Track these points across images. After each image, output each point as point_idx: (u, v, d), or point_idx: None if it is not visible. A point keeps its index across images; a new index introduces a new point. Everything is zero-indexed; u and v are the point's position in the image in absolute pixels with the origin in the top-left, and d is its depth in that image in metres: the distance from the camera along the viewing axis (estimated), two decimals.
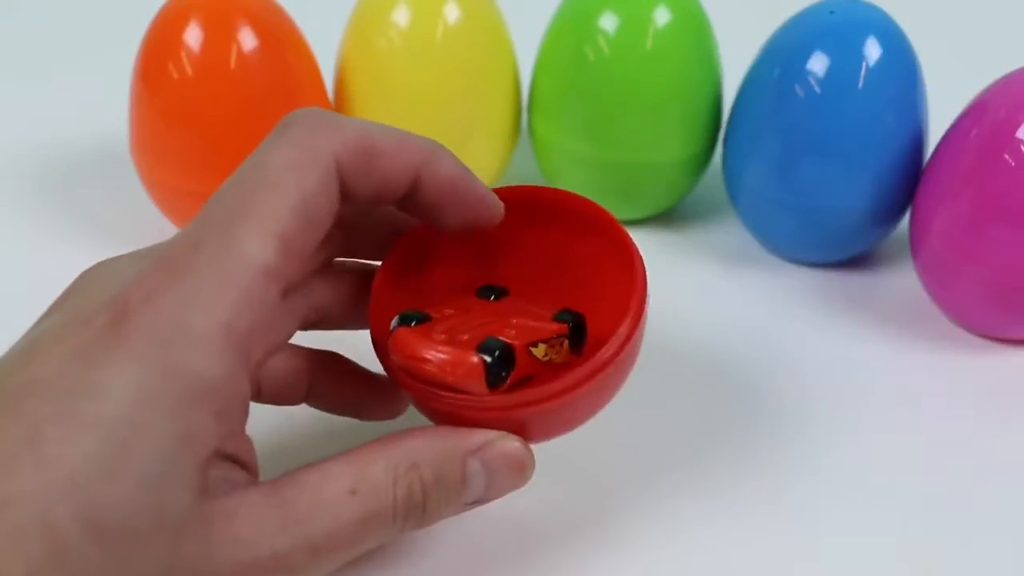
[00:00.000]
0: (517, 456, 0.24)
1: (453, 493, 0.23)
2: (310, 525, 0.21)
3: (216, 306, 0.20)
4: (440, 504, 0.23)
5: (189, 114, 0.35)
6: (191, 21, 0.35)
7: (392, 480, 0.22)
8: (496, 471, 0.23)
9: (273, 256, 0.21)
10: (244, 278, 0.21)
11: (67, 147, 0.46)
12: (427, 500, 0.23)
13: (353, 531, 0.22)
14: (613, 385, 0.25)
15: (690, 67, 0.38)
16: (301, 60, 0.37)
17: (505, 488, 0.24)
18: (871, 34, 0.35)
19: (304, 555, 0.21)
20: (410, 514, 0.22)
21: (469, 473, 0.23)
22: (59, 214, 0.42)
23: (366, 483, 0.22)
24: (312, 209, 0.22)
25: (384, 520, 0.22)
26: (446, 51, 0.38)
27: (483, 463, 0.23)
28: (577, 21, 0.38)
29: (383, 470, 0.22)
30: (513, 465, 0.24)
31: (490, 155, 0.40)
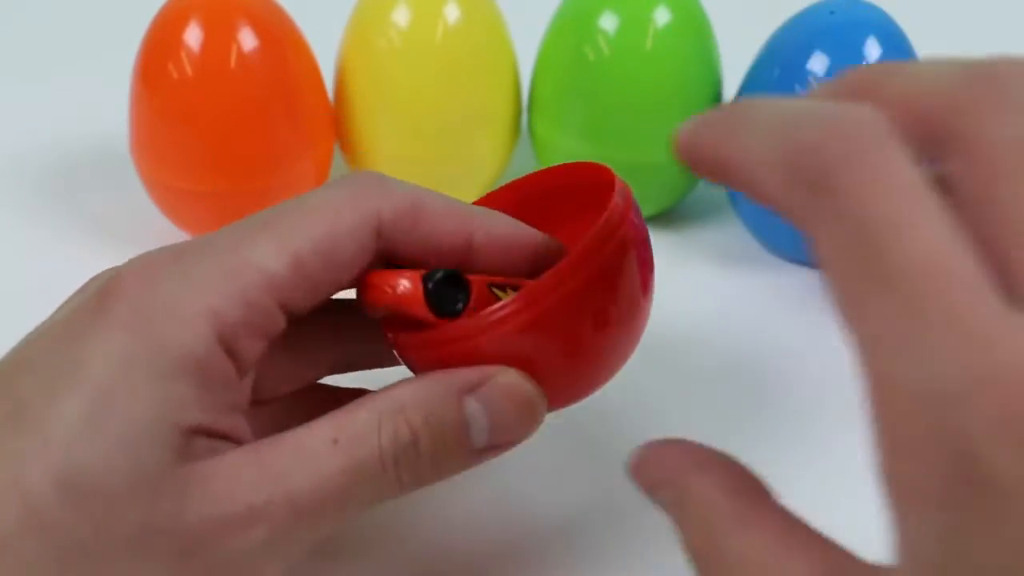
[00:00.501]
0: (519, 388, 0.22)
1: (451, 436, 0.22)
2: (289, 478, 0.20)
3: (207, 292, 0.21)
4: (438, 449, 0.21)
5: (189, 114, 0.35)
6: (191, 21, 0.35)
7: (376, 425, 0.21)
8: (498, 407, 0.22)
9: (279, 268, 0.21)
10: (243, 277, 0.21)
11: (67, 147, 0.46)
12: (419, 442, 0.21)
13: (337, 482, 0.20)
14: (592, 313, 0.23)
15: (690, 67, 0.38)
16: (301, 60, 0.37)
17: (514, 427, 0.22)
18: (871, 34, 0.35)
19: (283, 509, 0.20)
20: (401, 459, 0.21)
21: (468, 413, 0.22)
22: (59, 214, 0.42)
23: (348, 431, 0.21)
24: (338, 247, 0.22)
25: (372, 468, 0.21)
26: (446, 51, 0.38)
27: (482, 400, 0.22)
28: (577, 21, 0.38)
29: (366, 417, 0.21)
30: (516, 398, 0.22)
31: (490, 155, 0.40)
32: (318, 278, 0.22)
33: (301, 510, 0.20)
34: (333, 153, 0.40)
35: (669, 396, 0.33)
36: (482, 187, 0.41)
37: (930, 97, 0.17)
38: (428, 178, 0.40)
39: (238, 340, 0.21)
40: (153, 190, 0.38)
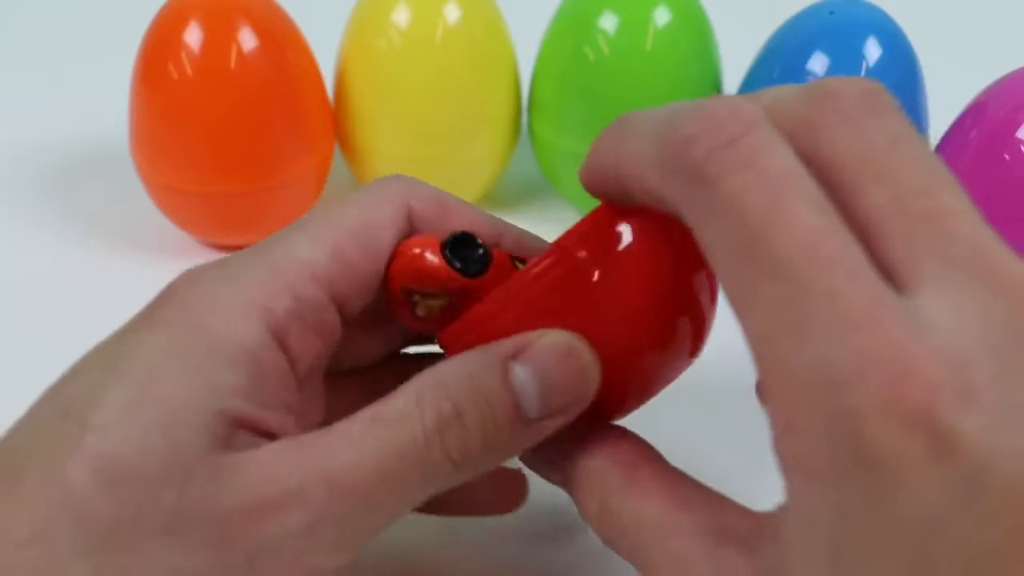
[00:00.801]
0: (567, 345, 0.20)
1: (498, 406, 0.20)
2: (325, 460, 0.19)
3: (254, 288, 0.21)
4: (487, 421, 0.20)
5: (189, 114, 0.35)
6: (191, 21, 0.35)
7: (415, 401, 0.20)
8: (546, 368, 0.20)
9: (322, 259, 0.21)
10: (288, 272, 0.21)
11: (67, 147, 0.46)
12: (464, 415, 0.20)
13: (376, 461, 0.19)
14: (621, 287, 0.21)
15: (690, 67, 0.38)
16: (301, 60, 0.37)
17: (566, 388, 0.20)
18: (871, 34, 0.35)
19: (320, 489, 0.19)
20: (447, 435, 0.20)
21: (515, 378, 0.20)
22: (59, 214, 0.42)
23: (387, 411, 0.20)
24: (376, 234, 0.22)
25: (413, 445, 0.20)
26: (446, 51, 0.38)
27: (528, 363, 0.20)
28: (577, 21, 0.38)
29: (406, 396, 0.20)
30: (566, 356, 0.20)
31: (490, 155, 0.40)
32: (360, 266, 0.22)
33: (339, 491, 0.19)
34: (333, 153, 0.40)
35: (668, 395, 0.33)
36: (482, 187, 0.41)
37: (784, 117, 0.17)
38: (428, 178, 0.40)
39: (289, 335, 0.21)
40: (153, 190, 0.38)
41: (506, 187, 0.43)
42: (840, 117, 0.17)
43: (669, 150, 0.17)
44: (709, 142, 0.16)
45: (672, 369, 0.23)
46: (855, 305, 0.15)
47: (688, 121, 0.17)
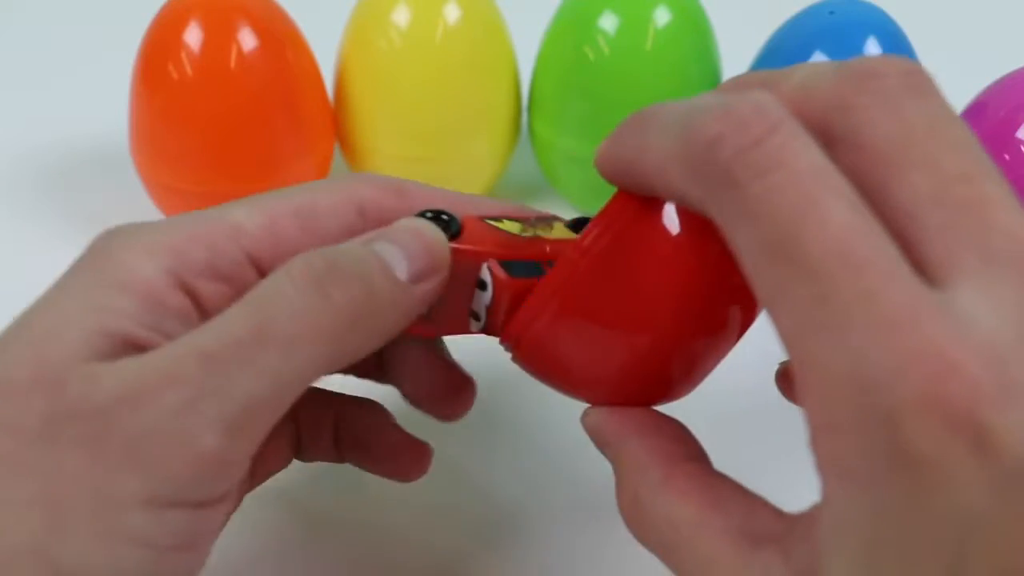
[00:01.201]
0: (408, 221, 0.22)
1: (370, 263, 0.20)
2: (198, 337, 0.19)
3: (170, 233, 0.21)
4: (363, 269, 0.20)
5: (189, 114, 0.35)
6: (191, 21, 0.35)
7: (284, 270, 0.20)
8: (402, 240, 0.21)
9: (251, 225, 0.22)
10: (209, 227, 0.21)
11: (67, 147, 0.46)
12: (338, 263, 0.20)
13: (249, 324, 0.19)
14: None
15: (690, 67, 0.38)
16: (301, 60, 0.37)
17: (423, 253, 0.21)
18: (871, 34, 0.35)
19: (193, 361, 0.18)
20: (324, 279, 0.19)
21: (377, 248, 0.21)
22: (59, 214, 0.42)
23: (256, 290, 0.20)
24: (318, 216, 0.22)
25: (286, 297, 0.19)
26: (446, 51, 0.38)
27: (385, 239, 0.21)
28: (577, 21, 0.38)
29: (273, 274, 0.20)
30: (412, 229, 0.21)
31: (490, 155, 0.40)
32: (296, 241, 0.22)
33: (214, 359, 0.18)
34: (333, 153, 0.40)
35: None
36: (482, 187, 0.41)
37: (816, 97, 0.17)
38: (428, 178, 0.40)
39: (197, 278, 0.21)
40: (153, 190, 0.38)
41: (506, 187, 0.43)
42: (878, 99, 0.16)
43: (693, 151, 0.17)
44: (734, 143, 0.16)
45: (721, 352, 0.23)
46: (892, 304, 0.15)
47: (712, 120, 0.16)
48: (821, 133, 0.17)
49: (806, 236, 0.15)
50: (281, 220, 0.22)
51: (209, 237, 0.21)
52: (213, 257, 0.21)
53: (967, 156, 0.16)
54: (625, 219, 0.21)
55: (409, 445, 0.27)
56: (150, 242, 0.21)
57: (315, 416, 0.26)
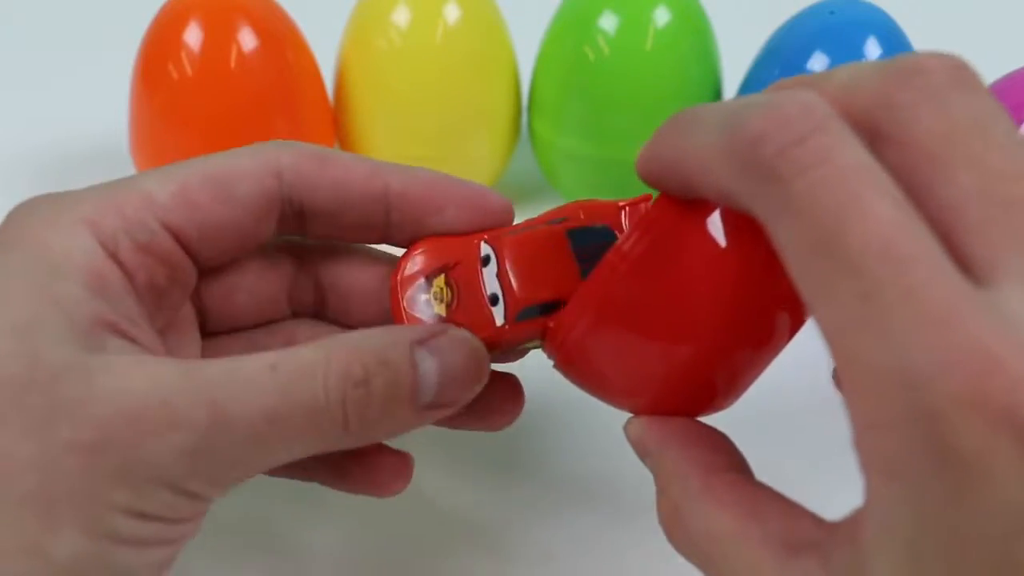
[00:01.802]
0: (469, 344, 0.22)
1: (403, 383, 0.21)
2: (216, 387, 0.19)
3: (85, 205, 0.21)
4: (391, 394, 0.20)
5: (189, 114, 0.35)
6: (191, 21, 0.35)
7: (324, 358, 0.20)
8: (448, 358, 0.21)
9: (161, 192, 0.22)
10: (121, 196, 0.22)
11: (67, 147, 0.46)
12: (371, 383, 0.20)
13: (270, 403, 0.19)
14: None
15: (690, 67, 0.38)
16: (301, 60, 0.37)
17: (461, 384, 0.22)
18: (871, 34, 0.35)
19: (206, 415, 0.19)
20: (349, 398, 0.20)
21: (420, 362, 0.21)
22: None
23: (292, 360, 0.20)
24: (231, 181, 0.23)
25: (312, 397, 0.20)
26: (446, 51, 0.38)
27: (433, 351, 0.21)
28: (577, 21, 0.38)
29: (314, 350, 0.20)
30: (466, 353, 0.22)
31: (490, 155, 0.40)
32: (209, 208, 0.22)
33: (226, 422, 0.19)
34: None
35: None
36: None
37: (861, 95, 0.17)
38: None
39: (120, 250, 0.21)
40: None
41: (506, 187, 0.43)
42: (923, 95, 0.16)
43: (738, 147, 0.17)
44: (780, 140, 0.16)
45: (765, 361, 0.22)
46: (935, 302, 0.14)
47: (757, 118, 0.16)
48: (867, 131, 0.17)
49: (849, 232, 0.15)
50: (193, 187, 0.22)
51: (120, 206, 0.22)
52: (127, 225, 0.22)
53: (1014, 153, 0.16)
54: (667, 223, 0.20)
55: (387, 456, 0.25)
56: (69, 219, 0.21)
57: None
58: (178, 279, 0.23)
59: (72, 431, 0.19)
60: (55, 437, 0.18)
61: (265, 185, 0.23)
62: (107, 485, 0.19)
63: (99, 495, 0.19)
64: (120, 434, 0.19)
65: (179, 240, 0.22)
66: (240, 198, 0.23)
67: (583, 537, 0.28)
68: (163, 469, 0.19)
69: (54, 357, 0.19)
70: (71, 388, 0.19)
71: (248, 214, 0.23)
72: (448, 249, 0.24)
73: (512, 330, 0.23)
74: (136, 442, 0.19)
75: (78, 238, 0.21)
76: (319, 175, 0.24)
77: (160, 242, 0.22)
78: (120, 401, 0.19)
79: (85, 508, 0.19)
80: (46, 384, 0.19)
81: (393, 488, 0.25)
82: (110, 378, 0.19)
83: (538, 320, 0.23)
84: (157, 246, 0.22)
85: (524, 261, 0.24)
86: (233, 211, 0.23)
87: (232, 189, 0.23)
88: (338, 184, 0.24)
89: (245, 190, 0.23)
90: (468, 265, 0.24)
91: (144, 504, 0.19)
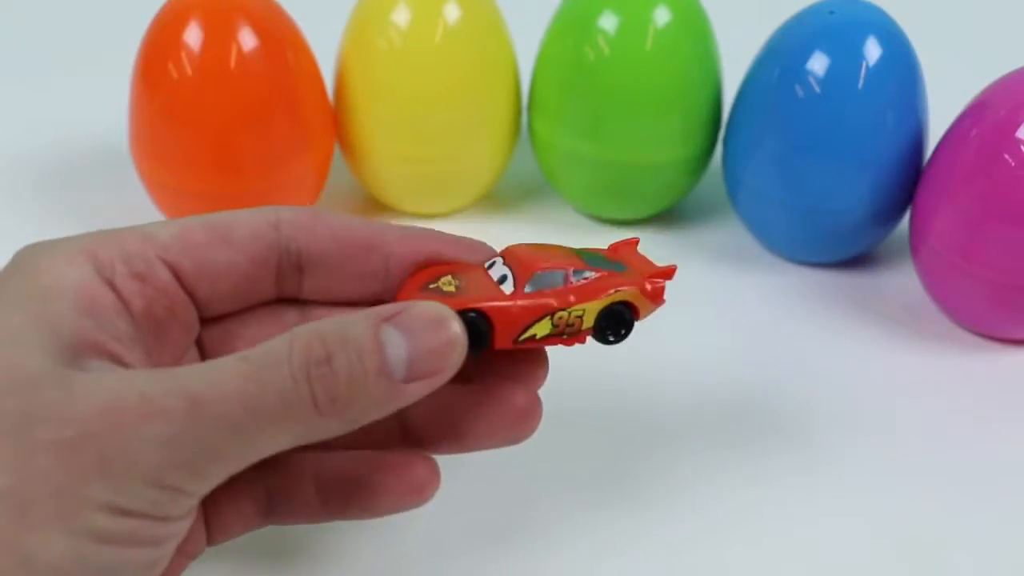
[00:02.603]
0: (434, 312, 0.21)
1: (367, 358, 0.20)
2: (189, 382, 0.20)
3: (86, 240, 0.22)
4: (354, 370, 0.20)
5: (189, 114, 0.35)
6: (191, 21, 0.35)
7: (288, 342, 0.20)
8: (415, 333, 0.21)
9: (162, 234, 0.23)
10: (122, 233, 0.23)
11: (67, 147, 0.46)
12: (332, 360, 0.20)
13: (240, 387, 0.20)
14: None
15: (690, 67, 0.38)
16: (301, 60, 0.37)
17: (432, 352, 0.21)
18: (871, 34, 0.35)
19: (182, 404, 0.19)
20: (313, 375, 0.20)
21: (383, 336, 0.21)
22: (59, 214, 0.42)
23: (259, 349, 0.20)
24: (230, 228, 0.24)
25: (279, 377, 0.20)
26: (446, 52, 0.38)
27: (399, 326, 0.21)
28: (577, 21, 0.38)
29: (280, 339, 0.20)
30: (432, 321, 0.21)
31: (490, 155, 0.40)
32: (206, 247, 0.23)
33: (201, 409, 0.19)
34: (333, 153, 0.40)
35: (668, 395, 0.33)
36: (482, 187, 0.41)
37: None
38: (428, 178, 0.40)
39: (113, 275, 0.22)
40: (153, 190, 0.38)
41: (506, 187, 0.43)
42: None
43: None
44: None
45: None
46: None
47: None
48: None
49: None
50: (193, 229, 0.24)
51: (121, 242, 0.23)
52: (125, 256, 0.22)
53: None
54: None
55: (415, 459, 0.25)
56: (67, 249, 0.22)
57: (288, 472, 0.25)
58: (178, 315, 0.24)
59: (48, 431, 0.19)
60: (31, 437, 0.19)
61: (262, 231, 0.24)
62: (85, 481, 0.19)
63: (77, 492, 0.19)
64: (97, 428, 0.19)
65: (177, 275, 0.23)
66: (237, 241, 0.24)
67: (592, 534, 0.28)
68: (142, 461, 0.19)
69: (33, 366, 0.19)
70: (48, 393, 0.19)
71: (245, 257, 0.24)
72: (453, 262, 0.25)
73: (524, 299, 0.23)
74: (113, 435, 0.19)
75: (74, 266, 0.22)
76: (317, 224, 0.24)
77: (157, 273, 0.23)
78: (97, 399, 0.19)
79: (63, 506, 0.19)
80: (23, 390, 0.19)
81: (429, 487, 0.25)
82: (87, 383, 0.19)
83: (548, 293, 0.23)
84: (154, 277, 0.23)
85: (531, 252, 0.25)
86: (230, 253, 0.24)
87: (230, 233, 0.24)
88: (336, 231, 0.25)
89: (242, 234, 0.24)
90: (474, 268, 0.25)
91: (124, 500, 0.19)
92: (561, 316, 0.23)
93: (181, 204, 0.38)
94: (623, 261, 0.25)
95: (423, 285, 0.24)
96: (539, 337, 0.24)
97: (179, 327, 0.24)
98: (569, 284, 0.24)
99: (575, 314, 0.24)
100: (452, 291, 0.23)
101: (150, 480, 0.19)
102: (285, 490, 0.25)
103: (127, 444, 0.19)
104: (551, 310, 0.23)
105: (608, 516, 0.29)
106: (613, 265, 0.25)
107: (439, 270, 0.25)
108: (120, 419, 0.19)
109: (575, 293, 0.24)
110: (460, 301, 0.23)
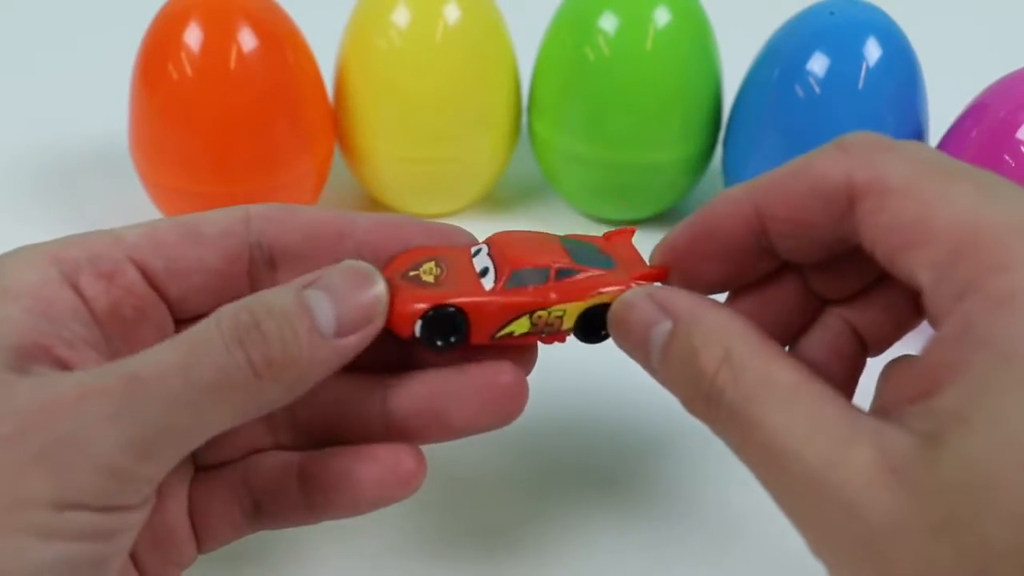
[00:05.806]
0: (352, 267, 0.22)
1: (295, 318, 0.21)
2: (125, 362, 0.20)
3: (54, 245, 0.22)
4: (285, 331, 0.20)
5: (189, 114, 0.35)
6: (191, 21, 0.35)
7: (215, 317, 0.21)
8: (335, 287, 0.21)
9: (131, 235, 0.23)
10: (92, 237, 0.23)
11: (67, 147, 0.46)
12: (261, 324, 0.20)
13: (177, 359, 0.20)
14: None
15: (690, 67, 0.38)
16: (301, 60, 0.37)
17: (358, 306, 0.22)
18: (871, 34, 0.35)
19: (120, 382, 0.19)
20: (245, 340, 0.20)
21: (307, 298, 0.21)
22: (59, 214, 0.42)
23: (190, 330, 0.21)
24: (200, 226, 0.24)
25: (213, 348, 0.20)
26: (446, 52, 0.38)
27: (320, 286, 0.21)
28: (577, 21, 0.38)
29: (207, 319, 0.21)
30: (352, 276, 0.22)
31: (490, 155, 0.40)
32: (175, 245, 0.24)
33: (140, 385, 0.19)
34: (333, 153, 0.40)
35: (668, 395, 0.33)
36: (482, 187, 0.41)
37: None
38: (428, 178, 0.40)
39: (79, 275, 0.22)
40: (153, 190, 0.38)
41: (506, 187, 0.43)
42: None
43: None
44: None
45: None
46: None
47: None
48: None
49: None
50: (162, 229, 0.24)
51: (89, 244, 0.23)
52: (92, 256, 0.22)
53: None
54: None
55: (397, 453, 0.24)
56: (33, 253, 0.22)
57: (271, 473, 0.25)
58: (148, 315, 0.23)
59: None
60: None
61: (232, 228, 0.24)
62: (26, 477, 0.18)
63: (18, 489, 0.18)
64: (36, 420, 0.19)
65: (147, 275, 0.23)
66: (207, 238, 0.24)
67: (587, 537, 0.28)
68: (86, 442, 0.19)
69: None
70: None
71: (216, 254, 0.24)
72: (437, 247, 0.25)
73: (502, 296, 0.23)
74: (53, 423, 0.19)
75: (36, 269, 0.22)
76: (287, 218, 0.25)
77: (124, 272, 0.23)
78: (35, 395, 0.19)
79: (4, 505, 0.18)
80: None
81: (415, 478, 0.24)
82: (26, 384, 0.19)
83: (529, 291, 0.23)
84: (121, 276, 0.23)
85: (517, 244, 0.24)
86: (201, 250, 0.24)
87: (200, 231, 0.24)
88: (306, 223, 0.25)
89: (212, 231, 0.24)
90: (458, 253, 0.25)
91: (69, 492, 0.19)
92: (540, 315, 0.23)
93: (181, 204, 0.38)
94: (614, 255, 0.25)
95: (403, 272, 0.24)
96: (517, 334, 0.23)
97: (149, 327, 0.23)
98: (551, 282, 0.23)
99: (555, 314, 0.23)
100: (431, 281, 0.23)
101: (98, 465, 0.19)
102: (270, 492, 0.24)
103: (70, 429, 0.19)
104: (530, 308, 0.23)
105: (606, 516, 0.29)
106: (602, 260, 0.25)
107: (423, 253, 0.25)
108: (59, 407, 0.19)
109: (557, 292, 0.23)
110: (438, 295, 0.23)
